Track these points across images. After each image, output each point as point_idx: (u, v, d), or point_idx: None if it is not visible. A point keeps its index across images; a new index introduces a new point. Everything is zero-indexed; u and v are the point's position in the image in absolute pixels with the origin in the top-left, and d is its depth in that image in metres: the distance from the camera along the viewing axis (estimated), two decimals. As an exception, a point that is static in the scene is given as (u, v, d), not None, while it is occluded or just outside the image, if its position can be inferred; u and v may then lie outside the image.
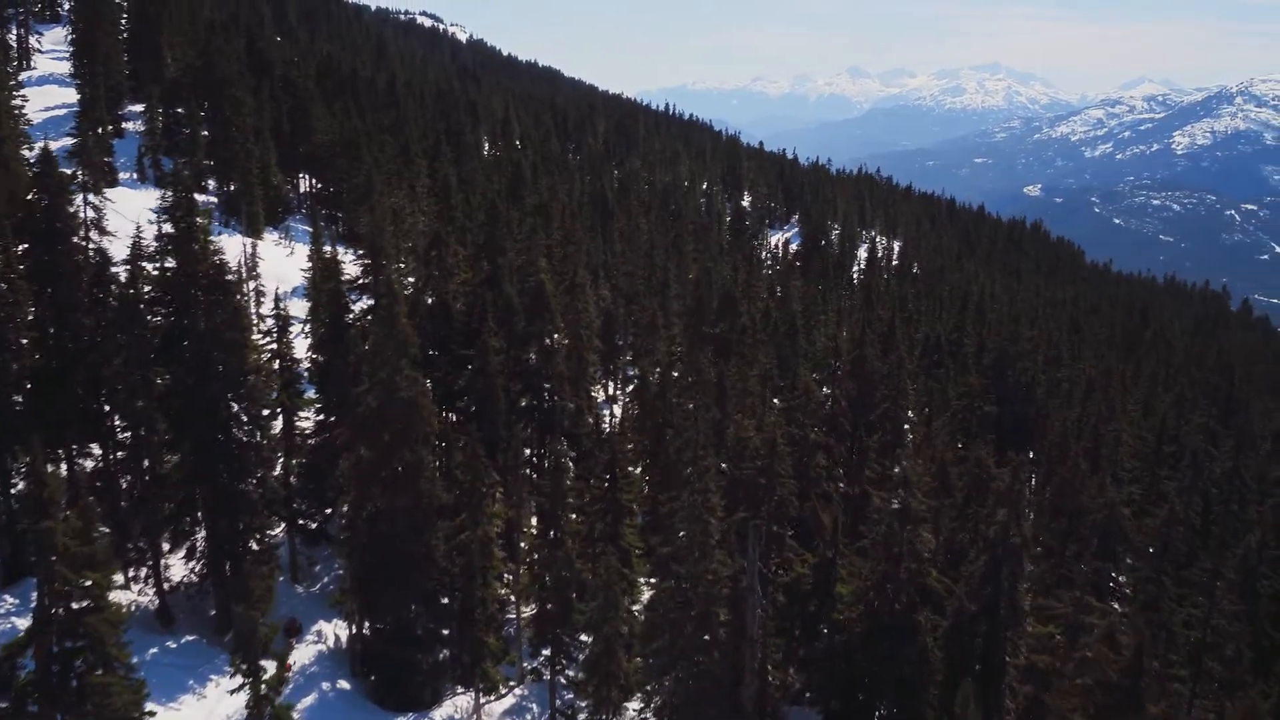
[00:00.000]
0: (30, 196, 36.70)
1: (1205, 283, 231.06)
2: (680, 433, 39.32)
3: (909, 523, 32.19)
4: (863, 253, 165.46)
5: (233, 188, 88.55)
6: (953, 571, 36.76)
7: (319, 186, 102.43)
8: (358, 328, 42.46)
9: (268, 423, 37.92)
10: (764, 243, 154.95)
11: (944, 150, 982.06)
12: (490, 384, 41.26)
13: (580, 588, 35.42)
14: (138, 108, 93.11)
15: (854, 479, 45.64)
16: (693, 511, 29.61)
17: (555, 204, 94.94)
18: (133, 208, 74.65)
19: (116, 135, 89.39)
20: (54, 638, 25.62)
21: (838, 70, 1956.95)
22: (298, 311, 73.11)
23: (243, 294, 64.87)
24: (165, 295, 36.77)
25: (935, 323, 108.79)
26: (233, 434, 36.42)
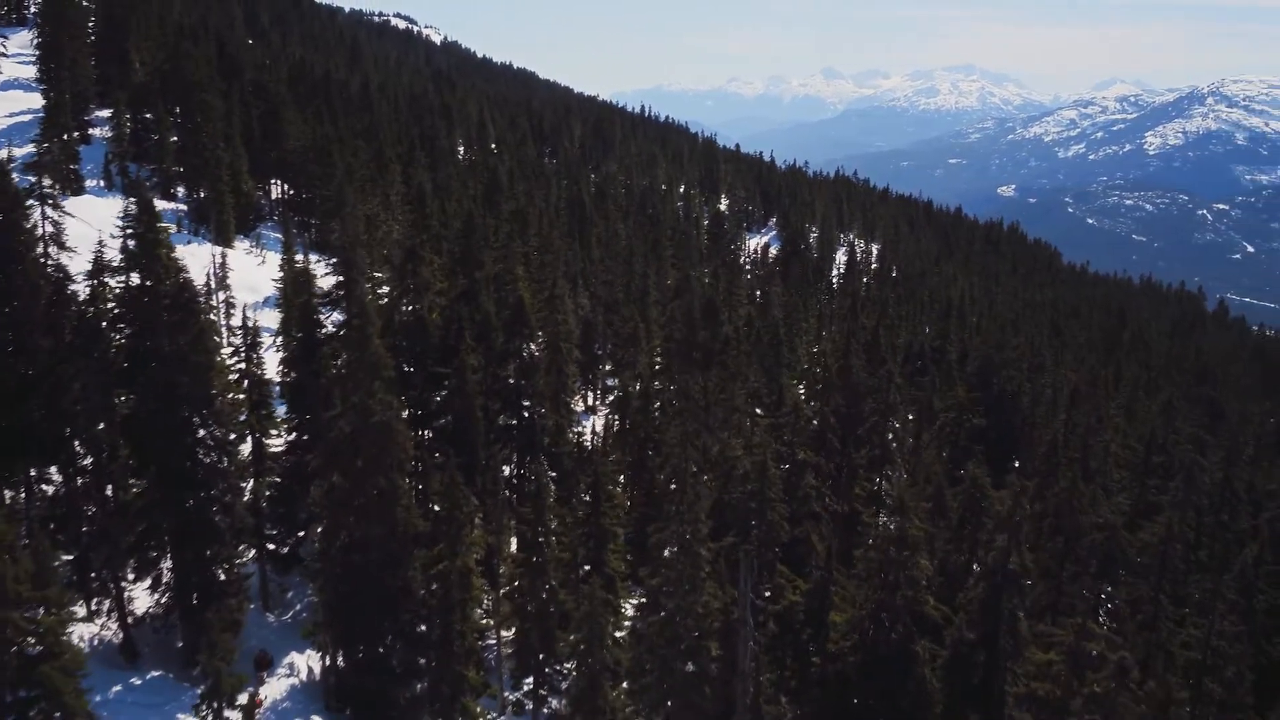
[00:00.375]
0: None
1: (1181, 284, 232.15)
2: (667, 458, 37.97)
3: (905, 549, 30.96)
4: (841, 256, 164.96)
5: (202, 195, 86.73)
6: (949, 596, 35.63)
7: (291, 193, 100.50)
8: (330, 347, 40.87)
9: (236, 447, 36.34)
10: (742, 246, 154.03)
11: (918, 151, 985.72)
12: (468, 404, 39.79)
13: (563, 617, 34.08)
14: (105, 113, 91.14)
15: (843, 497, 44.47)
16: (682, 542, 28.32)
17: (532, 210, 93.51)
18: (99, 216, 72.70)
19: (83, 141, 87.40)
20: (6, 688, 24.13)
21: (812, 71, 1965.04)
22: (270, 322, 71.53)
23: (213, 307, 63.58)
24: (127, 313, 35.19)
25: (916, 327, 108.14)
26: (199, 459, 34.82)
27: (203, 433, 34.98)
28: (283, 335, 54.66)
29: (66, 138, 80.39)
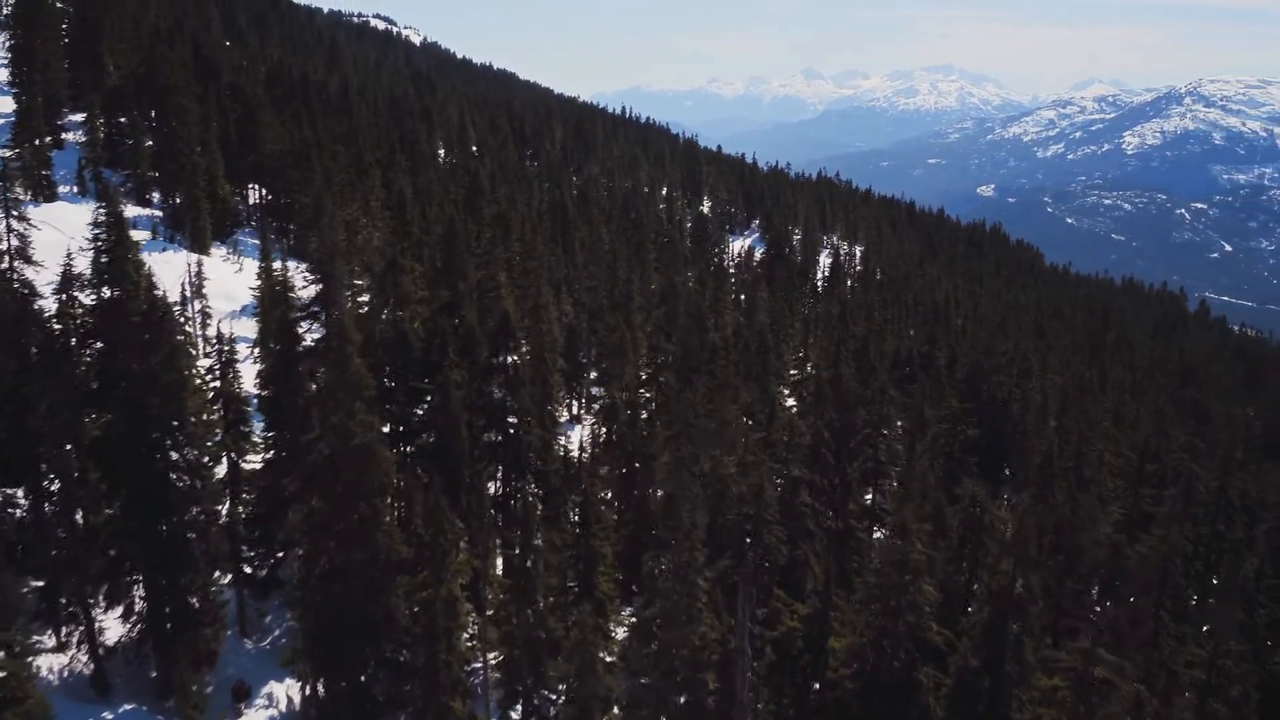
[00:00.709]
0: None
1: (1163, 284, 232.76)
2: (661, 482, 36.78)
3: (908, 573, 29.90)
4: (824, 259, 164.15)
5: (178, 200, 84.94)
6: (950, 618, 34.58)
7: (269, 198, 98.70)
8: (308, 363, 39.50)
9: (211, 469, 34.95)
10: (725, 249, 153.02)
11: (898, 151, 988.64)
12: (452, 421, 38.49)
13: (553, 645, 32.87)
14: (78, 117, 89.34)
15: (838, 513, 43.42)
16: (679, 573, 27.14)
17: (514, 215, 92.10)
18: (72, 224, 70.96)
19: (56, 146, 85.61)
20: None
21: (792, 72, 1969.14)
22: (248, 331, 69.98)
23: (188, 318, 62.05)
24: (96, 330, 33.78)
25: (902, 331, 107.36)
26: (172, 483, 33.43)
27: (176, 455, 33.60)
28: (260, 347, 53.29)
29: (38, 142, 78.70)
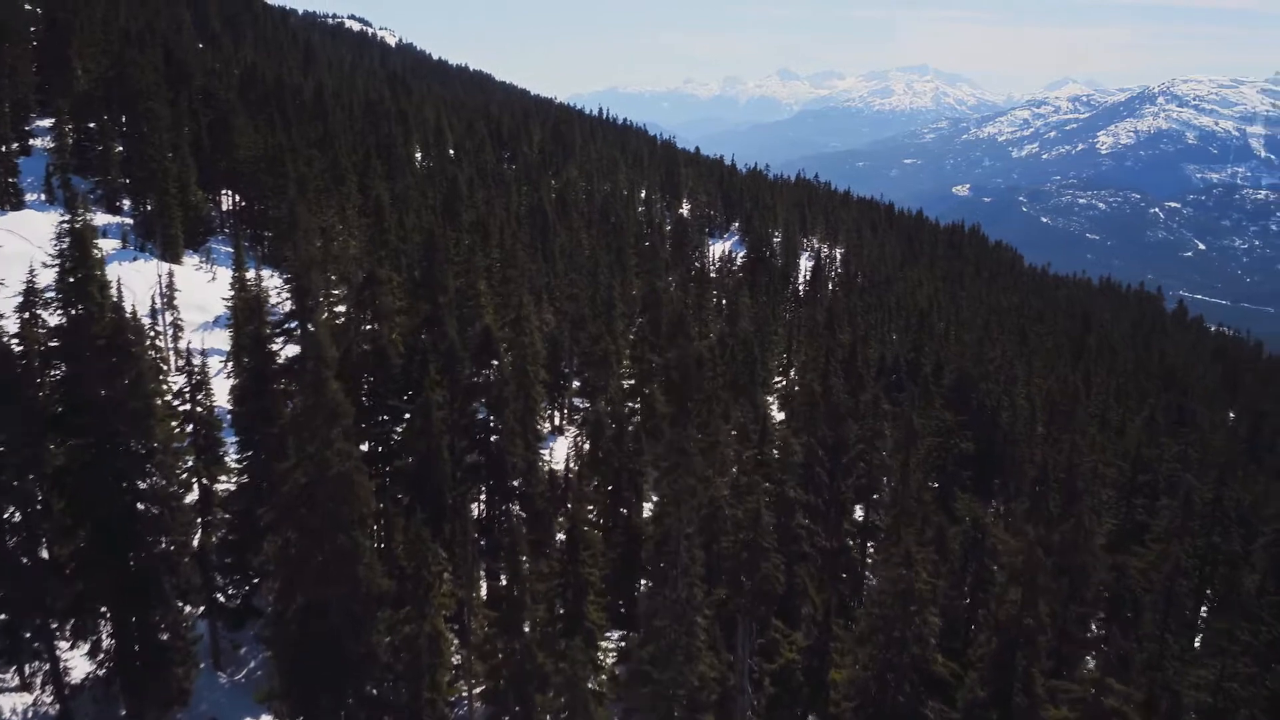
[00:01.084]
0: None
1: (1140, 284, 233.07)
2: (659, 510, 35.32)
3: (912, 603, 28.65)
4: (805, 262, 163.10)
5: (149, 207, 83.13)
6: (952, 644, 33.42)
7: (242, 204, 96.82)
8: (283, 382, 37.92)
9: (181, 498, 33.30)
10: (706, 252, 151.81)
11: (874, 151, 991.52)
12: (434, 445, 36.95)
13: (542, 679, 31.43)
14: (46, 123, 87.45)
15: (832, 532, 42.18)
16: (677, 610, 25.80)
17: (493, 220, 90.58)
18: (39, 233, 69.20)
19: (23, 153, 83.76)
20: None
21: (767, 72, 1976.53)
22: (221, 343, 68.22)
23: (158, 332, 60.19)
24: (60, 352, 32.12)
25: (885, 336, 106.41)
26: (140, 514, 31.80)
27: (144, 484, 31.97)
28: (234, 362, 51.63)
29: (5, 149, 76.89)
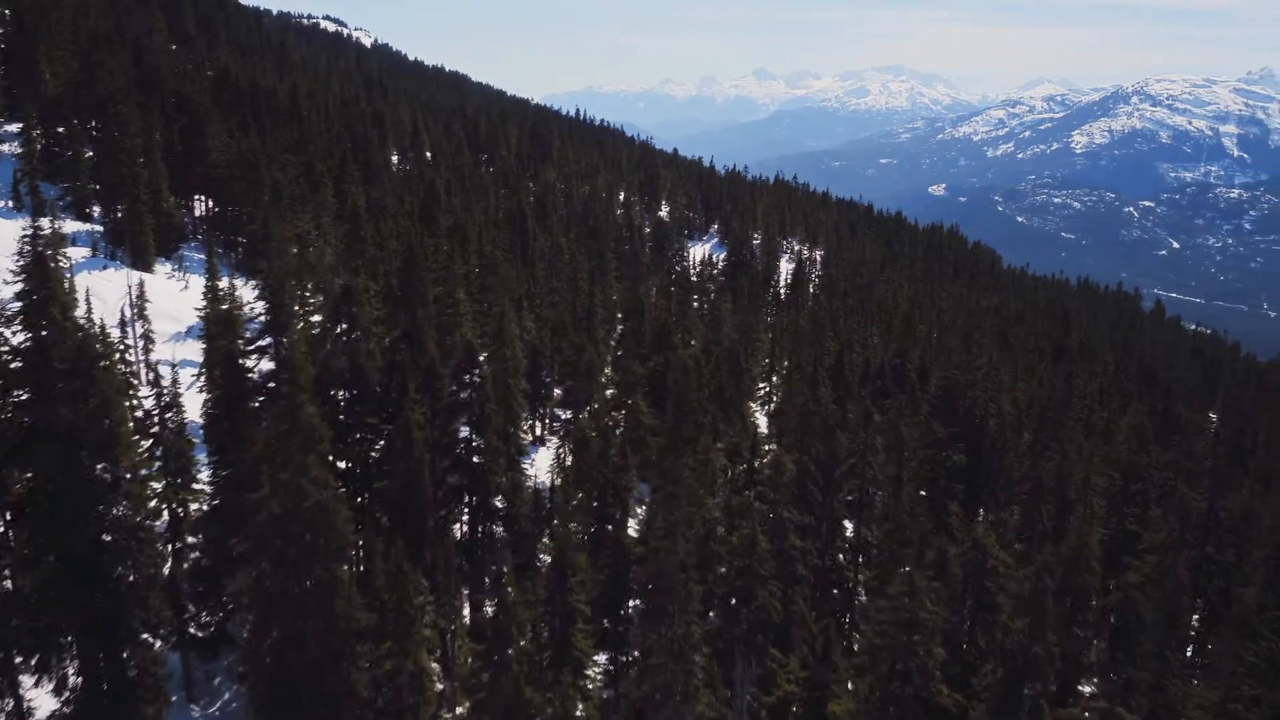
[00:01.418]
0: None
1: (1118, 284, 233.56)
2: (653, 555, 33.94)
3: (916, 633, 27.54)
4: (785, 264, 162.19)
5: (119, 214, 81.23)
6: (953, 671, 32.28)
7: (215, 210, 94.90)
8: (257, 400, 36.51)
9: (149, 527, 31.83)
10: (686, 255, 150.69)
11: (850, 151, 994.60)
12: (415, 468, 35.61)
13: (529, 716, 30.17)
14: (14, 128, 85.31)
15: (824, 550, 41.10)
16: (674, 649, 24.61)
17: (471, 225, 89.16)
18: (5, 242, 67.43)
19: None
20: None
21: (743, 73, 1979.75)
22: (193, 354, 66.47)
23: (128, 346, 58.53)
24: (20, 376, 30.59)
25: (868, 340, 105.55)
26: (106, 545, 30.32)
27: (110, 514, 30.49)
28: (206, 376, 50.04)
29: (-32, 156, 74.91)
